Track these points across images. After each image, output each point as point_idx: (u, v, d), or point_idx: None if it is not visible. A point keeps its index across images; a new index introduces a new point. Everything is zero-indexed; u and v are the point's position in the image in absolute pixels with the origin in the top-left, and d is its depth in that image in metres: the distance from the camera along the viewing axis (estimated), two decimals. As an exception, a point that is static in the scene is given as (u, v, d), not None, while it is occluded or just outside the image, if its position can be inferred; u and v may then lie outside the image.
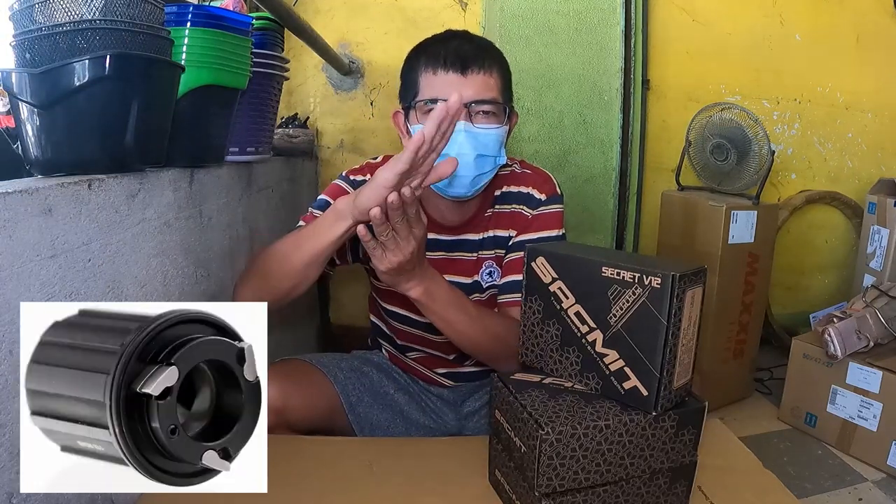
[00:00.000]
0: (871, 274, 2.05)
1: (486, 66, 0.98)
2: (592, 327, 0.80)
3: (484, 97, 0.98)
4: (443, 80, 0.97)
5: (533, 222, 1.12)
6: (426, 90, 0.99)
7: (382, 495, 0.87)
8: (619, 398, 0.78)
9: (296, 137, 1.95)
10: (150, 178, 0.88)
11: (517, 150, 1.97)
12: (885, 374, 1.49)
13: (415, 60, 1.02)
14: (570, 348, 0.83)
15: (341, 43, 2.06)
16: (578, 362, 0.82)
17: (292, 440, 1.03)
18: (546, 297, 0.84)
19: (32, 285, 0.63)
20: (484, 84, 0.98)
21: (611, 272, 0.78)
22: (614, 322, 0.78)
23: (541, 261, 0.84)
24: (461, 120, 0.96)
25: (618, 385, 0.78)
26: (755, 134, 1.74)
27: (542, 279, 0.84)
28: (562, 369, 0.84)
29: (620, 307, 0.77)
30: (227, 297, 1.20)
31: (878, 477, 1.47)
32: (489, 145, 0.99)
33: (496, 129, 1.00)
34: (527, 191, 1.13)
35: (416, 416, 1.19)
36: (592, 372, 0.80)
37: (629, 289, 0.77)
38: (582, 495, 0.76)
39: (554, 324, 0.84)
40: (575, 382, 0.83)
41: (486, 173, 1.02)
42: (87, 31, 0.73)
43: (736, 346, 1.82)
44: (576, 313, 0.81)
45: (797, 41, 2.20)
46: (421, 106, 0.99)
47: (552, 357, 0.85)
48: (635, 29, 2.03)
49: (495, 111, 1.00)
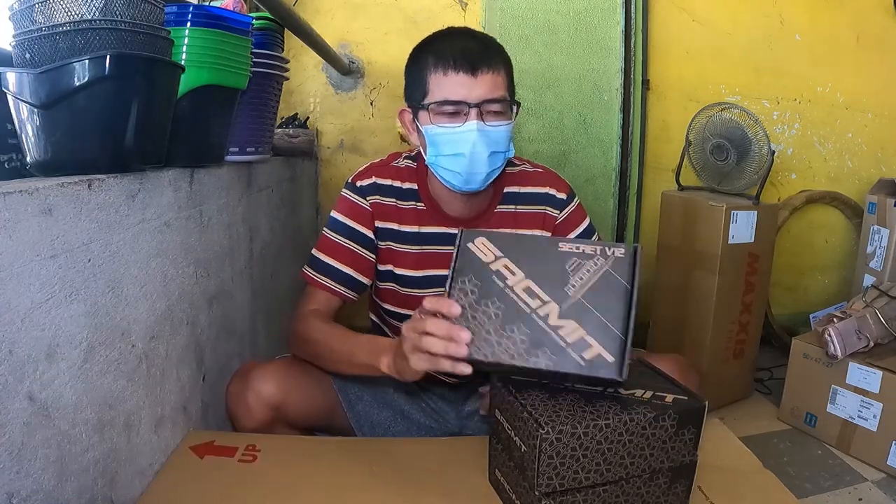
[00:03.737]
0: (871, 274, 2.05)
1: (494, 64, 1.00)
2: (545, 301, 0.78)
3: (494, 96, 0.99)
4: (454, 81, 0.98)
5: (569, 222, 1.18)
6: (437, 91, 1.00)
7: (383, 495, 0.87)
8: (577, 371, 0.74)
9: (296, 137, 1.95)
10: (150, 178, 0.88)
11: (517, 149, 1.95)
12: (885, 374, 1.49)
13: (422, 60, 1.02)
14: (513, 326, 0.77)
15: (341, 43, 2.06)
16: (525, 340, 0.77)
17: (292, 439, 1.03)
18: (485, 275, 0.81)
19: (32, 285, 0.63)
20: (493, 83, 0.99)
21: (569, 247, 0.79)
22: (573, 293, 0.77)
23: (480, 241, 0.83)
24: (473, 120, 0.98)
25: (577, 356, 0.74)
26: (755, 134, 1.74)
27: (481, 259, 0.82)
28: (501, 351, 0.77)
29: (581, 277, 0.77)
30: (226, 297, 1.20)
31: (877, 477, 1.47)
32: (500, 142, 1.02)
33: (506, 126, 1.02)
34: (545, 191, 1.17)
35: (416, 416, 1.19)
36: (543, 348, 0.76)
37: (590, 260, 0.78)
38: (582, 495, 0.76)
39: (494, 303, 0.79)
40: (520, 363, 0.76)
41: (498, 167, 1.06)
42: (87, 31, 0.73)
43: (736, 346, 1.82)
44: (525, 289, 0.79)
45: (797, 41, 2.20)
46: (433, 107, 1.00)
47: (488, 340, 0.78)
48: (635, 29, 2.03)
49: (504, 109, 1.02)
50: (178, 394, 0.99)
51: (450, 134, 1.00)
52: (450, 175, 1.03)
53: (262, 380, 1.03)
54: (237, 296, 1.27)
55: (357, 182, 1.13)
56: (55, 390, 0.67)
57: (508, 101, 1.02)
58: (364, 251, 1.12)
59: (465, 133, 0.99)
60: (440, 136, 1.01)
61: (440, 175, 1.05)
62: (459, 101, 0.98)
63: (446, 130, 1.00)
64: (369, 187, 1.12)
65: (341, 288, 1.11)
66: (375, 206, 1.12)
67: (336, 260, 1.11)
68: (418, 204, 1.13)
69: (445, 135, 1.00)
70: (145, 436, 0.88)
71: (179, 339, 0.99)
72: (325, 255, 1.12)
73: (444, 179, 1.05)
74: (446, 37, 1.03)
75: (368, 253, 1.13)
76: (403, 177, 1.13)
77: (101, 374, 0.76)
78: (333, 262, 1.11)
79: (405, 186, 1.13)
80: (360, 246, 1.12)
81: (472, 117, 0.98)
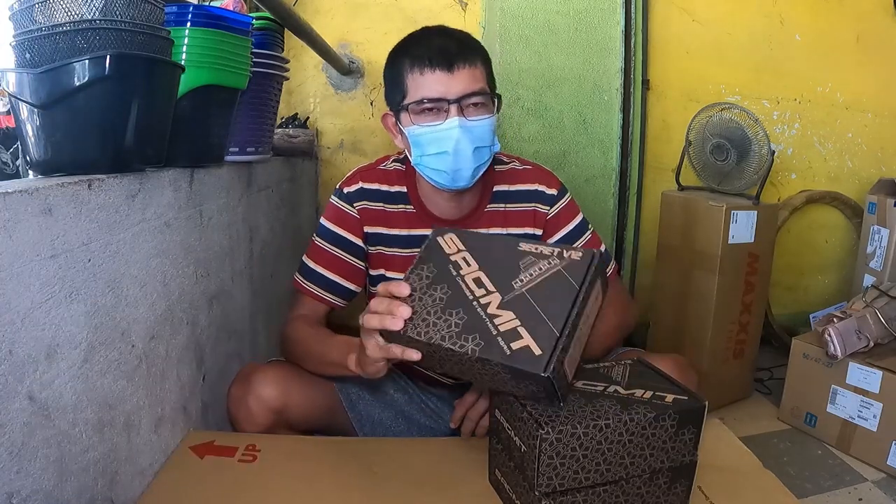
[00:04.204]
0: (871, 274, 2.05)
1: (471, 59, 1.00)
2: (490, 290, 0.79)
3: (473, 90, 0.99)
4: (431, 79, 0.98)
5: (560, 218, 1.16)
6: (415, 91, 1.00)
7: (383, 495, 0.87)
8: (501, 360, 0.73)
9: (296, 137, 1.95)
10: (150, 178, 0.88)
11: (517, 149, 1.97)
12: (885, 374, 1.49)
13: (398, 62, 1.02)
14: (452, 311, 0.79)
15: (341, 43, 2.06)
16: (460, 324, 0.77)
17: (292, 439, 1.03)
18: (442, 264, 0.84)
19: (32, 285, 0.63)
20: (471, 77, 0.99)
21: (529, 247, 0.81)
22: (519, 286, 0.78)
23: (450, 237, 0.87)
24: (454, 116, 0.98)
25: (504, 345, 0.74)
26: (755, 134, 1.74)
27: (444, 250, 0.85)
28: (434, 331, 0.77)
29: (530, 274, 0.79)
30: (226, 297, 1.20)
31: (877, 477, 1.47)
32: (484, 136, 1.02)
33: (488, 119, 1.02)
34: (534, 188, 1.16)
35: (415, 416, 1.19)
36: (474, 333, 0.76)
37: (544, 259, 0.79)
38: (582, 495, 0.76)
39: (442, 288, 0.82)
40: (449, 344, 0.76)
41: (484, 163, 1.04)
42: (87, 31, 0.73)
43: (736, 346, 1.82)
44: (474, 278, 0.81)
45: (797, 41, 2.20)
46: (413, 107, 1.00)
47: (426, 321, 0.79)
48: (635, 29, 2.03)
49: (485, 101, 1.01)
50: (178, 394, 0.99)
51: (432, 132, 1.00)
52: (436, 174, 1.03)
53: (263, 383, 1.03)
54: (237, 296, 1.27)
55: (344, 188, 1.14)
56: (55, 390, 0.67)
57: (489, 94, 1.02)
58: (352, 258, 1.13)
59: (447, 130, 0.98)
60: (423, 135, 1.00)
61: (427, 175, 1.05)
62: (438, 99, 0.98)
63: (428, 129, 1.00)
64: (356, 193, 1.12)
65: (328, 295, 1.12)
66: (363, 211, 1.12)
67: (323, 267, 1.12)
68: (407, 207, 1.13)
69: (428, 133, 1.00)
70: (145, 436, 0.88)
71: (179, 339, 0.99)
72: (313, 263, 1.13)
73: (431, 179, 1.05)
74: (421, 37, 1.03)
75: (357, 260, 1.13)
76: (392, 180, 1.13)
77: (101, 374, 0.76)
78: (320, 269, 1.12)
79: (393, 190, 1.13)
80: (348, 253, 1.13)
81: (453, 113, 0.98)
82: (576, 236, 1.17)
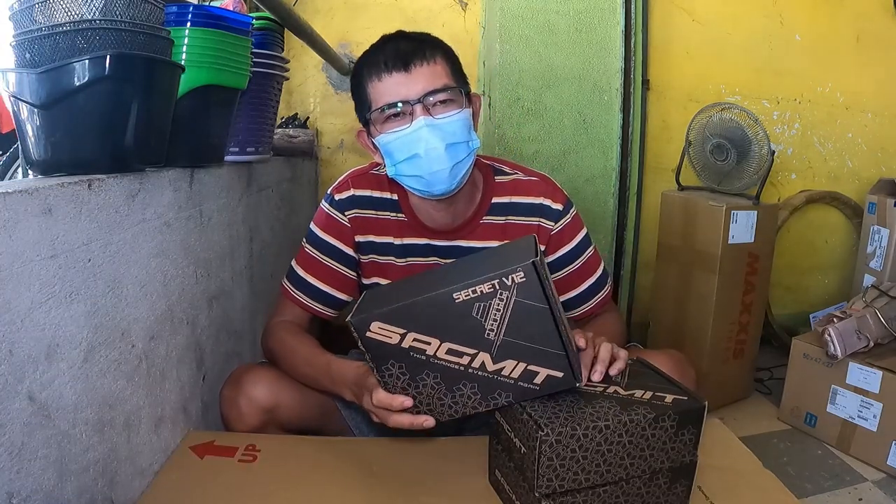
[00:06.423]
0: (871, 274, 2.05)
1: (428, 56, 0.96)
2: (473, 354, 0.77)
3: (434, 86, 0.95)
4: (389, 82, 0.95)
5: (564, 235, 1.12)
6: (376, 99, 0.97)
7: (383, 495, 0.87)
8: (536, 395, 0.78)
9: (296, 137, 1.95)
10: (150, 178, 0.88)
11: (517, 149, 1.97)
12: (885, 374, 1.49)
13: (359, 75, 1.00)
14: (458, 385, 0.79)
15: (341, 43, 2.06)
16: (476, 391, 0.79)
17: (292, 439, 1.03)
18: (403, 356, 0.78)
19: (32, 285, 0.63)
20: (431, 74, 0.95)
21: (465, 294, 0.74)
22: (494, 336, 0.76)
23: (376, 326, 0.76)
24: (420, 116, 0.94)
25: (529, 385, 0.78)
26: (755, 134, 1.74)
27: (388, 343, 0.77)
28: (461, 407, 0.80)
29: (494, 319, 0.75)
30: (226, 297, 1.20)
31: (878, 477, 1.47)
32: (456, 132, 0.97)
33: (458, 114, 0.97)
34: (539, 201, 1.11)
35: (415, 417, 1.19)
36: (496, 391, 0.78)
37: (493, 298, 0.74)
38: (582, 496, 0.76)
39: (428, 375, 0.79)
40: (481, 409, 0.80)
41: (463, 160, 0.98)
42: (87, 31, 0.73)
43: (736, 346, 1.82)
44: (447, 351, 0.77)
45: (797, 41, 2.20)
46: (377, 116, 0.97)
47: (443, 402, 0.80)
48: (635, 29, 2.03)
49: (451, 97, 0.97)
50: (178, 394, 0.99)
51: (400, 137, 0.96)
52: (413, 181, 0.99)
53: (253, 384, 1.02)
54: (237, 296, 1.27)
55: (336, 195, 1.11)
56: (55, 390, 0.67)
57: (456, 88, 0.98)
58: (343, 268, 1.11)
59: (415, 132, 0.94)
60: (391, 142, 0.97)
61: (406, 184, 1.01)
62: (401, 101, 0.94)
63: (396, 135, 0.96)
64: (347, 201, 1.10)
65: (317, 305, 1.11)
66: (354, 220, 1.10)
67: (312, 276, 1.10)
68: (399, 215, 1.09)
69: (396, 140, 0.96)
70: (145, 436, 0.88)
71: (179, 339, 0.99)
72: (302, 270, 1.11)
73: (411, 187, 1.01)
74: (377, 45, 1.00)
75: (348, 270, 1.11)
76: (384, 186, 1.10)
77: (101, 374, 0.76)
78: (310, 277, 1.10)
79: (385, 197, 1.10)
80: (339, 263, 1.11)
81: (419, 114, 0.94)
82: (575, 256, 1.13)
